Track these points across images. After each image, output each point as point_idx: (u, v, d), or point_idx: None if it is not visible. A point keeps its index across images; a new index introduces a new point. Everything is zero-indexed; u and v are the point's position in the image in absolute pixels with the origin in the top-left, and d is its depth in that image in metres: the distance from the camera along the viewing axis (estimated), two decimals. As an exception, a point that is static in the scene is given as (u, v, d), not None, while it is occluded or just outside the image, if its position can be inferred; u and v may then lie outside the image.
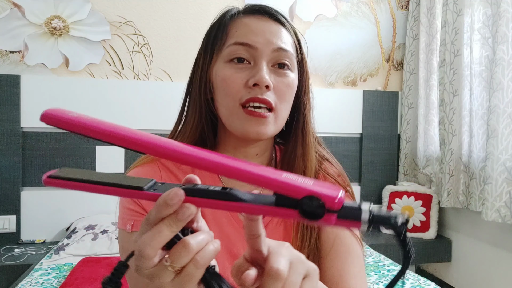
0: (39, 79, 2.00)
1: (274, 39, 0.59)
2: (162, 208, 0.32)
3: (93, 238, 1.75)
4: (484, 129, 1.89)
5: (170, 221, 0.32)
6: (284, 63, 0.60)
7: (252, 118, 0.57)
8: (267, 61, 0.58)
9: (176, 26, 2.20)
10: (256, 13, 0.61)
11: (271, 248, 0.35)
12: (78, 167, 2.05)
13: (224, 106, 0.60)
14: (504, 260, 1.86)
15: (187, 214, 0.32)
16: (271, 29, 0.60)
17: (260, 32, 0.58)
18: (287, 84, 0.59)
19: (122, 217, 0.61)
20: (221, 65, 0.59)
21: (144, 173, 0.62)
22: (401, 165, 2.48)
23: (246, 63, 0.58)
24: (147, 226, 0.33)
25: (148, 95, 2.12)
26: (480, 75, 1.92)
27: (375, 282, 1.52)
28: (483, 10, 1.90)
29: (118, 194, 0.35)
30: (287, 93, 0.60)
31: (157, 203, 0.32)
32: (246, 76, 0.57)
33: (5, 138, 1.95)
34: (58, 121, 0.34)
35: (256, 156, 0.66)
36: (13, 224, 1.96)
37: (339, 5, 2.43)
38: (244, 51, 0.58)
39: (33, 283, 1.44)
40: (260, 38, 0.58)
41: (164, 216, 0.32)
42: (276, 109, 0.58)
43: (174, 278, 0.33)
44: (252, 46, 0.58)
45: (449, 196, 2.03)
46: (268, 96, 0.57)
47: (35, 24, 2.01)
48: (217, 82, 0.60)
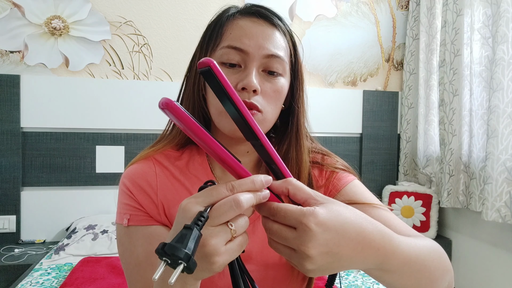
0: (39, 79, 2.00)
1: (266, 44, 0.60)
2: (258, 184, 0.42)
3: (93, 238, 1.75)
4: (484, 129, 1.89)
5: (257, 195, 0.42)
6: (274, 70, 0.61)
7: None
8: (257, 66, 0.60)
9: (176, 26, 2.20)
10: (252, 15, 0.62)
11: None
12: (78, 167, 2.05)
13: (214, 106, 0.62)
14: (504, 260, 1.86)
15: (265, 197, 0.43)
16: (265, 33, 0.61)
17: (253, 36, 0.60)
18: (275, 89, 0.61)
19: (119, 212, 0.64)
20: None
21: (140, 170, 0.64)
22: (401, 165, 2.49)
23: (237, 66, 0.60)
24: (229, 192, 0.41)
25: (148, 95, 2.12)
26: (480, 75, 1.92)
27: (375, 282, 1.52)
28: (483, 10, 1.90)
29: (221, 154, 0.41)
30: (274, 97, 0.61)
31: (254, 179, 0.42)
32: (236, 80, 0.59)
33: (5, 138, 1.95)
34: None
35: (247, 154, 0.68)
36: (13, 224, 1.96)
37: (339, 5, 2.43)
38: (236, 54, 0.60)
39: (33, 283, 1.45)
40: (252, 42, 0.59)
41: (252, 190, 0.42)
42: (264, 111, 0.60)
43: (227, 243, 0.40)
44: (243, 51, 0.59)
45: (449, 196, 2.03)
46: (255, 100, 0.59)
47: (35, 24, 2.01)
48: None
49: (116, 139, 2.09)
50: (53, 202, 2.02)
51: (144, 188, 0.63)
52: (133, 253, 0.61)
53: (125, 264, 0.62)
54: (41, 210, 2.01)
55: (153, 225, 0.62)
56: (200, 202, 0.41)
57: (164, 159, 0.66)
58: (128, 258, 0.61)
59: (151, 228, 0.62)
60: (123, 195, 0.64)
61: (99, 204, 2.06)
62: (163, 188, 0.64)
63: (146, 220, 0.62)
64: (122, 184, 0.64)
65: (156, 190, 0.63)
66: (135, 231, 0.62)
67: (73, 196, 2.05)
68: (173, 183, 0.65)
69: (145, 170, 0.64)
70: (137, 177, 0.63)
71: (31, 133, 2.00)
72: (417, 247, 0.51)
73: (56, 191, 2.03)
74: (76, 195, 2.05)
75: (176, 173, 0.65)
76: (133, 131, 2.12)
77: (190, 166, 0.67)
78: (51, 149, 2.02)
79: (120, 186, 0.65)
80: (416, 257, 0.50)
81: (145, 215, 0.62)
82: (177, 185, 0.65)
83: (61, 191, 2.04)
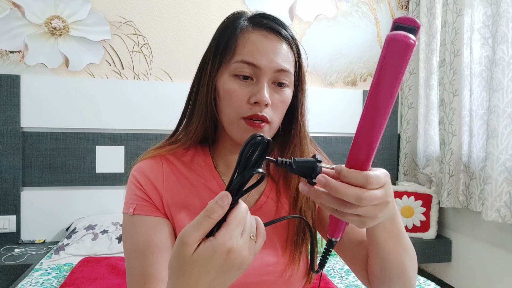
0: (39, 79, 2.00)
1: (276, 59, 0.65)
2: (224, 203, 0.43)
3: (93, 238, 1.75)
4: (484, 129, 1.89)
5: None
6: (282, 82, 0.66)
7: (251, 128, 0.64)
8: (268, 80, 0.65)
9: (176, 26, 2.20)
10: (263, 28, 0.66)
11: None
12: (78, 167, 2.05)
13: (226, 115, 0.67)
14: (504, 260, 1.86)
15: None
16: (275, 48, 0.65)
17: (265, 51, 0.64)
18: (282, 100, 0.67)
19: (126, 202, 0.68)
20: (227, 77, 0.66)
21: (149, 164, 0.69)
22: (401, 165, 2.49)
23: (249, 79, 0.65)
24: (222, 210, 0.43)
25: (148, 95, 2.12)
26: (480, 75, 1.92)
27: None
28: (483, 10, 1.90)
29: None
30: (281, 107, 0.67)
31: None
32: (248, 93, 0.64)
33: (5, 138, 1.95)
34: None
35: None
36: (13, 224, 1.96)
37: (339, 5, 2.43)
38: (249, 68, 0.64)
39: (33, 283, 1.45)
40: (264, 58, 0.64)
41: None
42: (271, 121, 0.66)
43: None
44: (256, 66, 0.64)
45: (449, 196, 2.03)
46: (266, 113, 0.64)
47: (35, 24, 2.01)
48: (223, 92, 0.66)
49: (116, 139, 2.09)
50: (53, 202, 2.02)
51: (151, 180, 0.67)
52: (133, 239, 0.64)
53: (126, 250, 0.66)
54: (41, 210, 2.01)
55: (156, 217, 0.66)
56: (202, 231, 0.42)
57: (170, 155, 0.71)
58: (129, 244, 0.65)
59: (155, 219, 0.65)
60: (131, 186, 0.68)
61: (99, 204, 2.06)
62: (169, 182, 0.68)
63: (151, 210, 0.66)
64: (131, 176, 0.69)
65: (162, 183, 0.68)
66: (140, 220, 0.65)
67: (73, 196, 2.05)
68: (178, 177, 0.69)
69: (153, 165, 0.69)
70: (146, 170, 0.68)
71: (31, 133, 2.00)
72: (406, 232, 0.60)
73: (56, 191, 2.03)
74: (76, 195, 2.05)
75: (181, 167, 0.71)
76: (133, 131, 2.12)
77: (194, 161, 0.72)
78: (51, 149, 2.02)
79: (129, 179, 0.69)
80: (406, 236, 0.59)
81: (151, 206, 0.66)
82: (182, 179, 0.70)
83: (61, 191, 2.04)
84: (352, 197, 0.42)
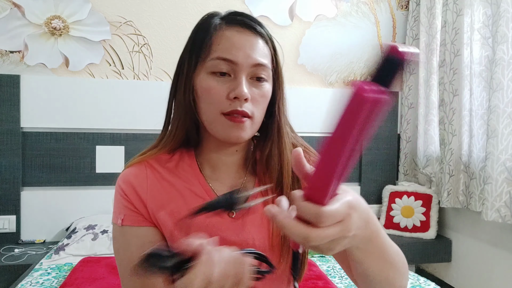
0: (39, 79, 2.00)
1: (253, 54, 0.64)
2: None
3: (93, 238, 1.75)
4: (484, 129, 1.89)
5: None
6: (260, 77, 0.66)
7: (233, 124, 0.64)
8: (246, 74, 0.64)
9: (176, 26, 2.20)
10: (236, 25, 0.66)
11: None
12: (78, 167, 2.05)
13: (207, 113, 0.66)
14: (504, 260, 1.86)
15: None
16: (251, 42, 0.65)
17: (241, 47, 0.64)
18: (262, 94, 0.66)
19: (114, 211, 0.68)
20: (204, 76, 0.65)
21: (134, 172, 0.69)
22: (401, 165, 2.49)
23: (227, 75, 0.64)
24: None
25: (148, 95, 2.12)
26: (480, 75, 1.92)
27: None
28: (483, 10, 1.90)
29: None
30: (261, 101, 0.67)
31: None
32: (227, 89, 0.64)
33: (5, 138, 1.95)
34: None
35: (236, 152, 0.72)
36: (13, 224, 1.96)
37: (339, 5, 2.43)
38: (226, 65, 0.64)
39: (33, 283, 1.45)
40: (240, 53, 0.64)
41: None
42: (253, 116, 0.65)
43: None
44: (233, 61, 0.63)
45: (449, 196, 2.03)
46: (246, 108, 0.64)
47: (35, 24, 2.01)
48: (200, 90, 0.66)
49: (116, 139, 2.09)
50: (53, 202, 2.02)
51: (136, 189, 0.67)
52: (126, 251, 0.65)
53: (119, 261, 0.66)
54: (41, 210, 2.01)
55: (146, 227, 0.66)
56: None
57: (155, 162, 0.70)
58: (122, 256, 0.65)
59: (145, 229, 0.66)
60: (117, 196, 0.68)
61: (99, 204, 2.06)
62: (152, 189, 0.67)
63: (139, 221, 0.66)
64: (117, 185, 0.69)
65: (146, 191, 0.67)
66: (130, 231, 0.66)
67: (73, 196, 2.05)
68: (163, 184, 0.68)
69: (137, 173, 0.69)
70: (131, 179, 0.68)
71: (31, 133, 2.00)
72: (392, 242, 0.54)
73: (56, 191, 2.03)
74: (76, 195, 2.05)
75: (166, 174, 0.69)
76: (133, 131, 2.12)
77: (179, 167, 0.71)
78: (51, 149, 2.02)
79: (115, 188, 0.69)
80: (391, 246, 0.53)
81: (138, 216, 0.66)
82: (166, 185, 0.68)
83: (61, 191, 2.04)
84: (298, 237, 0.39)
